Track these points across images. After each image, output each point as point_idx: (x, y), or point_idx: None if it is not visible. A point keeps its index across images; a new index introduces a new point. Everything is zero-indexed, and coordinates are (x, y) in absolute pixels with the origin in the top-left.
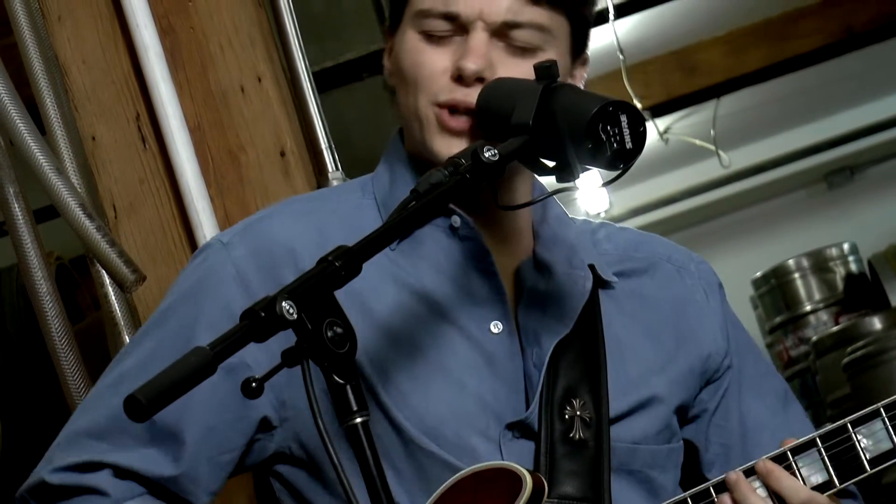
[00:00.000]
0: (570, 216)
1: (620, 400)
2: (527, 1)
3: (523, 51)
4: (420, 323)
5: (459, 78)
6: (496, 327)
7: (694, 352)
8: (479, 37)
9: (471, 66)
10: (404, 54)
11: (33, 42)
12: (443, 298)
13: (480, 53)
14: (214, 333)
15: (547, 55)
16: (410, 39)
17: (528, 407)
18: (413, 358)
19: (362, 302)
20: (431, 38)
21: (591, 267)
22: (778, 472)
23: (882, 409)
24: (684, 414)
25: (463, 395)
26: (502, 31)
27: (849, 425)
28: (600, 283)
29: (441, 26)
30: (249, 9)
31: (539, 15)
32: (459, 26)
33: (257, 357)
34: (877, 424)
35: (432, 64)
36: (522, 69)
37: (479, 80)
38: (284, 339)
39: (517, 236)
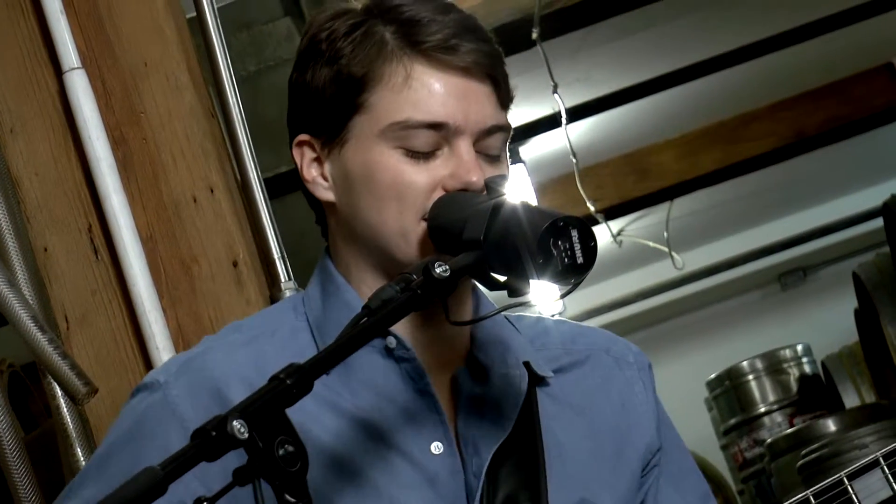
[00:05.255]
0: (503, 314)
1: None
2: (498, 105)
3: (492, 158)
4: (361, 450)
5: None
6: (437, 448)
7: (632, 452)
8: (469, 148)
9: (476, 179)
10: (382, 172)
11: None
12: (382, 422)
13: (477, 165)
14: None
15: (503, 160)
16: (389, 157)
17: None
18: (358, 486)
19: (301, 432)
20: (416, 154)
21: (527, 364)
22: None
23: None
24: None
25: None
26: (480, 138)
27: (845, 479)
28: (537, 380)
29: (425, 138)
30: (201, 119)
31: (504, 118)
32: (444, 136)
33: (196, 493)
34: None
35: (419, 182)
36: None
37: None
38: (223, 475)
39: (453, 342)
